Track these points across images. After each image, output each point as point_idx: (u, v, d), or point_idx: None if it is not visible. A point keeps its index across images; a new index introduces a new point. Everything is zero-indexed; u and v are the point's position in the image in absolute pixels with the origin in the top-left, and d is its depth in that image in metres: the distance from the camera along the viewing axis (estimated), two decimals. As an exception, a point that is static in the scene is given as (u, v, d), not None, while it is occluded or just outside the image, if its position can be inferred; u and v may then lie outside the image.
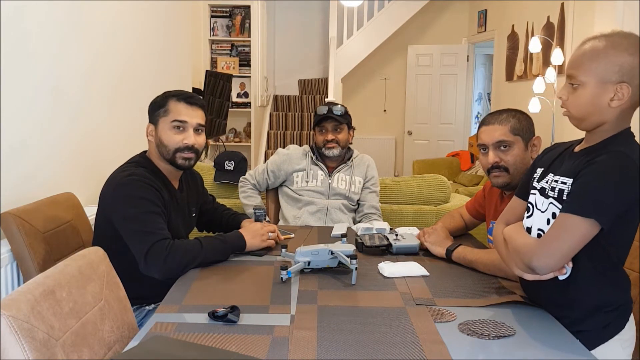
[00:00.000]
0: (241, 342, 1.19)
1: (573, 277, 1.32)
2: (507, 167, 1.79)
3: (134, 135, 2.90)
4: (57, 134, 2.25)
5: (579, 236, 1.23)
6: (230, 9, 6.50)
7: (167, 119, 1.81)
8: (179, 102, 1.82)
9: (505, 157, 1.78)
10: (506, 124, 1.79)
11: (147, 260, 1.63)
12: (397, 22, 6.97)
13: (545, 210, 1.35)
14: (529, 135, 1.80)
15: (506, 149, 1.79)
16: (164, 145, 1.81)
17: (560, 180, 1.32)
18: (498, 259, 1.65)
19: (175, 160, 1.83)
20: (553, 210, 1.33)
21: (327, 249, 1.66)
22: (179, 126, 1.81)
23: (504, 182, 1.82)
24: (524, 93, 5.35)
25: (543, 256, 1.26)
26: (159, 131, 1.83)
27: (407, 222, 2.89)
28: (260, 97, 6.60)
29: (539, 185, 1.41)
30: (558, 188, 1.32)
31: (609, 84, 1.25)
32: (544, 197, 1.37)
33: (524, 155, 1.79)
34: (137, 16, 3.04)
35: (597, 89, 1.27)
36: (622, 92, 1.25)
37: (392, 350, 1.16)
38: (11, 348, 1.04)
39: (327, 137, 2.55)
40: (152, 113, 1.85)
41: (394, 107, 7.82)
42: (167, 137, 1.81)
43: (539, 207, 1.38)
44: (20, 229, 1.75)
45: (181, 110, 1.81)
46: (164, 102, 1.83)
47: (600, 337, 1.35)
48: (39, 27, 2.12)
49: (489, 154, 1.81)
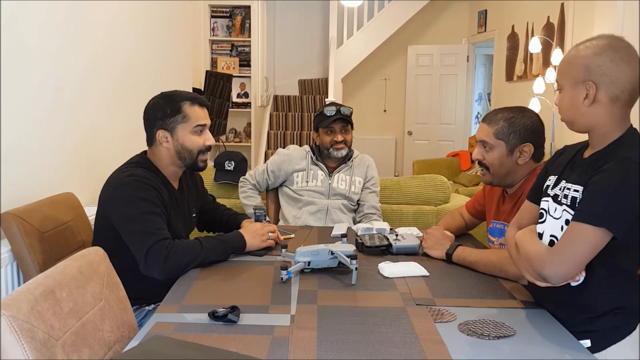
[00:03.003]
0: (241, 342, 1.19)
1: (585, 283, 1.31)
2: (488, 166, 1.84)
3: (134, 135, 2.89)
4: (57, 134, 2.25)
5: (590, 245, 1.24)
6: (231, 9, 6.50)
7: (188, 125, 1.81)
8: (193, 105, 1.83)
9: (487, 156, 1.84)
10: (494, 125, 1.81)
11: (147, 261, 1.63)
12: (397, 22, 6.97)
13: (559, 218, 1.36)
14: (518, 141, 1.79)
15: (487, 150, 1.84)
16: (188, 149, 1.83)
17: (573, 188, 1.34)
18: (498, 260, 1.65)
19: (197, 163, 1.86)
20: (567, 217, 1.33)
21: (327, 249, 1.66)
22: (201, 130, 1.85)
23: (486, 180, 1.90)
24: (524, 93, 5.35)
25: (555, 265, 1.26)
26: (180, 137, 1.82)
27: (407, 222, 2.88)
28: (260, 97, 6.60)
29: (552, 192, 1.42)
30: (571, 196, 1.33)
31: (578, 84, 1.32)
32: (557, 204, 1.38)
33: (504, 159, 1.81)
34: (137, 16, 3.04)
35: (572, 90, 1.34)
36: (590, 89, 1.30)
37: (392, 350, 1.16)
38: (11, 348, 1.04)
39: (337, 137, 2.54)
40: (165, 119, 1.81)
41: (394, 107, 7.82)
42: (192, 142, 1.83)
43: (551, 214, 1.39)
44: (20, 229, 1.75)
45: (199, 114, 1.84)
46: (178, 108, 1.81)
47: (611, 338, 1.34)
48: (39, 27, 2.12)
49: (475, 150, 1.89)
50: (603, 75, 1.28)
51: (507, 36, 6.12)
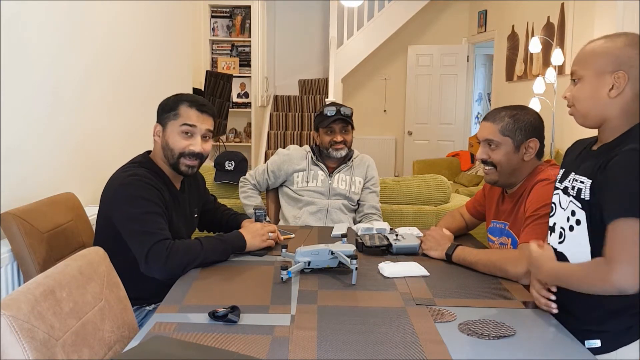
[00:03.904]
0: (241, 342, 1.19)
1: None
2: (495, 164, 1.81)
3: (134, 135, 2.90)
4: (57, 134, 2.25)
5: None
6: (231, 9, 6.50)
7: (177, 122, 1.80)
8: (190, 108, 1.81)
9: (493, 155, 1.81)
10: (499, 123, 1.80)
11: (148, 261, 1.63)
12: (397, 23, 6.97)
13: (566, 209, 1.37)
14: (523, 137, 1.79)
15: (493, 148, 1.81)
16: (170, 148, 1.81)
17: (579, 180, 1.34)
18: (498, 259, 1.65)
19: (178, 165, 1.82)
20: (572, 208, 1.34)
21: (328, 249, 1.66)
22: (188, 131, 1.81)
23: (492, 180, 1.85)
24: (524, 93, 5.35)
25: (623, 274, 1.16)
26: (167, 134, 1.82)
27: (407, 222, 2.89)
28: (260, 97, 6.60)
29: (562, 185, 1.42)
30: (577, 187, 1.33)
31: (606, 74, 1.29)
32: (566, 195, 1.39)
33: (511, 156, 1.80)
34: (138, 16, 3.04)
35: (596, 80, 1.31)
36: (619, 80, 1.28)
37: (392, 350, 1.16)
38: (11, 348, 1.04)
39: (336, 138, 2.53)
40: (162, 114, 1.84)
41: (394, 107, 7.82)
42: (174, 141, 1.81)
43: (562, 206, 1.40)
44: (21, 229, 1.75)
45: (191, 115, 1.81)
46: (175, 106, 1.81)
47: (622, 339, 1.33)
48: (39, 27, 2.12)
49: (479, 149, 1.86)
50: (633, 67, 1.27)
51: (507, 36, 6.12)
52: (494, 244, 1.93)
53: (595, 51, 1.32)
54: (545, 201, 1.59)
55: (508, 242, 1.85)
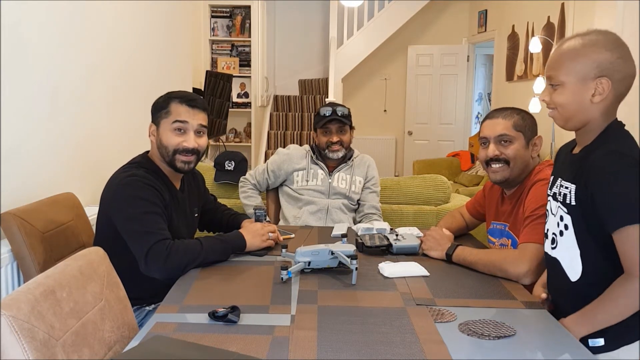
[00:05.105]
0: (241, 342, 1.19)
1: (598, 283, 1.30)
2: (508, 159, 1.79)
3: (135, 135, 2.90)
4: (57, 134, 2.25)
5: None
6: (231, 9, 6.50)
7: (168, 120, 1.81)
8: (180, 104, 1.82)
9: (506, 151, 1.79)
10: (510, 119, 1.80)
11: (148, 261, 1.63)
12: (397, 22, 6.97)
13: (555, 214, 1.38)
14: (531, 134, 1.81)
15: (507, 144, 1.79)
16: (164, 146, 1.82)
17: (565, 185, 1.35)
18: (498, 259, 1.65)
19: (174, 162, 1.82)
20: (561, 213, 1.35)
21: (328, 249, 1.66)
22: (180, 128, 1.81)
23: (503, 177, 1.81)
24: (524, 93, 5.35)
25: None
26: (160, 132, 1.83)
27: (407, 222, 2.89)
28: (260, 97, 6.60)
29: (551, 191, 1.43)
30: (563, 193, 1.34)
31: (588, 80, 1.28)
32: (555, 201, 1.40)
33: (524, 152, 1.79)
34: (138, 16, 3.04)
35: (578, 86, 1.29)
36: (602, 86, 1.27)
37: (392, 350, 1.16)
38: (11, 348, 1.04)
39: (332, 138, 2.53)
40: (155, 113, 1.85)
41: (394, 107, 7.82)
42: (167, 139, 1.81)
43: (552, 212, 1.41)
44: (21, 229, 1.75)
45: (181, 111, 1.81)
46: (166, 104, 1.83)
47: (625, 338, 1.32)
48: (39, 27, 2.12)
49: (490, 147, 1.82)
50: (615, 72, 1.26)
51: (507, 36, 6.12)
52: (494, 245, 1.93)
53: (574, 55, 1.29)
54: (544, 201, 1.59)
55: (508, 243, 1.85)
